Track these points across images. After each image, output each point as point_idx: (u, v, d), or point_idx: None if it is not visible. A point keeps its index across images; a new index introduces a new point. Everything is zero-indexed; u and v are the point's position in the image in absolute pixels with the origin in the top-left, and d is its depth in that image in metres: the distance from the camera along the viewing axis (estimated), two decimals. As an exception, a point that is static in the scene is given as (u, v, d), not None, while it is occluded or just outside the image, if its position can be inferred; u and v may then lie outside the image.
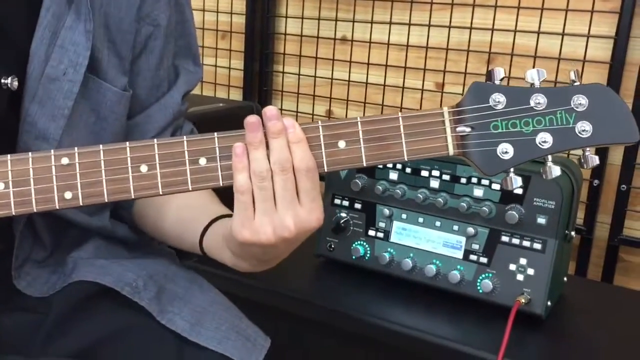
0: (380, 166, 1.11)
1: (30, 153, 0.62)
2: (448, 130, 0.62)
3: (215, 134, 0.62)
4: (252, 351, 0.75)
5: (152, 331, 0.73)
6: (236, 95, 1.76)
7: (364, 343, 1.04)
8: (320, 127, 0.62)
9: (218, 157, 0.62)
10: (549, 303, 1.01)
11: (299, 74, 1.62)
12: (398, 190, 1.09)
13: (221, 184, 0.63)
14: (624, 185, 1.32)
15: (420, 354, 1.00)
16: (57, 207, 0.61)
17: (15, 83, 0.67)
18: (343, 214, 1.14)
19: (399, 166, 1.10)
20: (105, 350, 0.72)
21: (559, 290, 1.09)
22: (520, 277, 1.02)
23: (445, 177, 1.07)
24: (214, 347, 0.73)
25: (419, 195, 1.08)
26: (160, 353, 0.73)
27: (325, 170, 0.62)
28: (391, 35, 1.50)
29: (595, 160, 0.62)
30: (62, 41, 0.71)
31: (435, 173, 1.07)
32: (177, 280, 0.80)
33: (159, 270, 0.80)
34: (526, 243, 1.02)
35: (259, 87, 1.70)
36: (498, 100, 0.62)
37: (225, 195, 0.69)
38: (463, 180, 1.05)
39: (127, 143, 0.62)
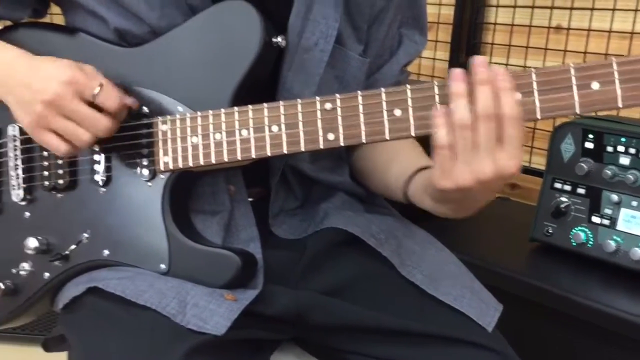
0: (610, 149, 1.04)
1: (298, 99, 0.69)
2: None
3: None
4: (486, 312, 0.76)
5: (394, 280, 0.77)
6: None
7: (586, 329, 0.98)
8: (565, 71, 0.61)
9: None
10: None
11: (507, 64, 1.59)
12: (630, 176, 1.02)
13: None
14: None
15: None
16: (321, 147, 0.67)
17: (284, 42, 0.74)
18: (564, 199, 1.09)
19: (632, 150, 1.03)
20: (352, 291, 0.77)
21: None
22: None
23: (689, 161, 0.97)
24: (451, 303, 0.75)
25: (655, 181, 1.00)
26: (403, 302, 0.76)
27: (578, 112, 0.61)
28: (614, 23, 1.41)
29: None
30: (315, 15, 0.77)
31: (676, 158, 0.99)
32: (413, 237, 0.84)
33: (397, 227, 0.84)
34: None
35: (464, 78, 1.68)
36: None
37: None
38: None
39: (382, 89, 0.66)
